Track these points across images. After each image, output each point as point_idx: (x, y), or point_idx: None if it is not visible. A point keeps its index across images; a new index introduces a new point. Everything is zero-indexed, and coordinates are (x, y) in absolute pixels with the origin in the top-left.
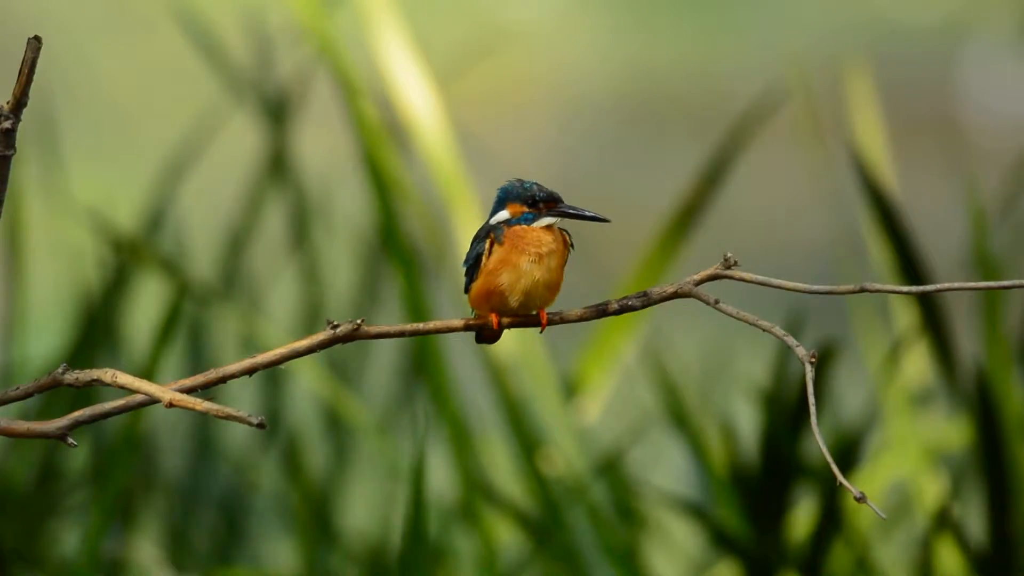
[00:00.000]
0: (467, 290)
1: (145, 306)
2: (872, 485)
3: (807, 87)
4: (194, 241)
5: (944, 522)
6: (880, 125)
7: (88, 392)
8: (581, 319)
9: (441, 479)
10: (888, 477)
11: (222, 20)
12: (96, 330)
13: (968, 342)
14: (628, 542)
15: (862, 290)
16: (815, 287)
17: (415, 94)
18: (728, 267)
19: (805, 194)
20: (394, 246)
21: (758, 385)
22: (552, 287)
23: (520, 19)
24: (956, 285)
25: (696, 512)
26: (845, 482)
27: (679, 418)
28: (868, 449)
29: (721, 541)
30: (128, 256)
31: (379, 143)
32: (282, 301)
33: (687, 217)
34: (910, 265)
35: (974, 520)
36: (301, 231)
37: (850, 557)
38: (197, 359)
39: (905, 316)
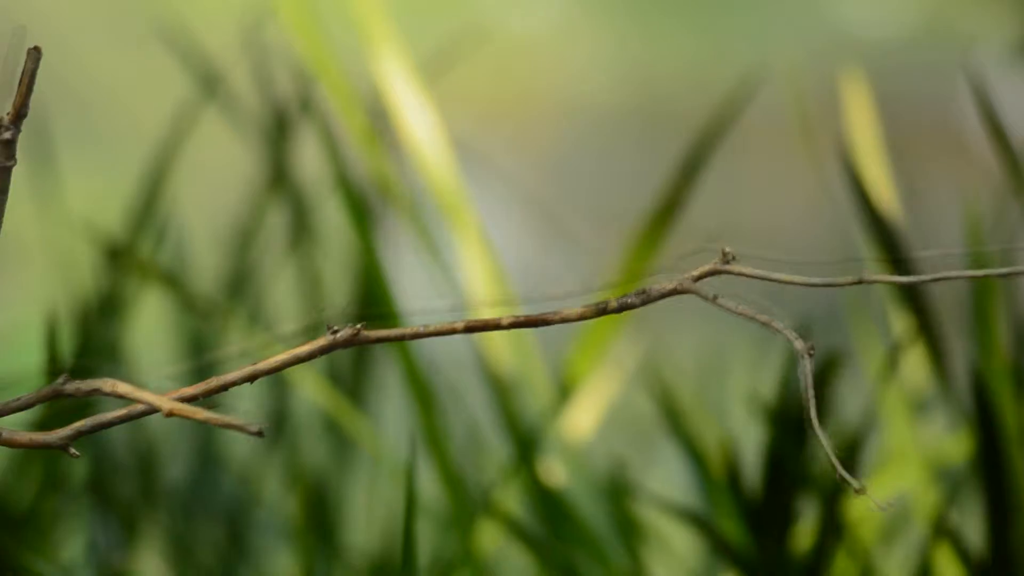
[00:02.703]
0: None
1: (145, 317)
2: (874, 495)
3: (809, 95)
4: (193, 251)
5: (942, 530)
6: (879, 134)
7: (87, 403)
8: (581, 318)
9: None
10: (889, 487)
11: (218, 28)
12: (94, 341)
13: (967, 348)
14: (627, 550)
15: (859, 281)
16: (812, 279)
17: (412, 108)
18: (727, 262)
19: (805, 203)
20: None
21: (763, 394)
22: None
23: (523, 29)
24: (956, 273)
25: (696, 523)
26: (845, 474)
27: (677, 428)
28: (869, 460)
29: (722, 552)
30: (126, 267)
31: (378, 161)
32: (282, 310)
33: (666, 213)
34: (907, 272)
35: (974, 529)
36: (300, 240)
37: (853, 567)
38: (199, 370)
39: (902, 324)
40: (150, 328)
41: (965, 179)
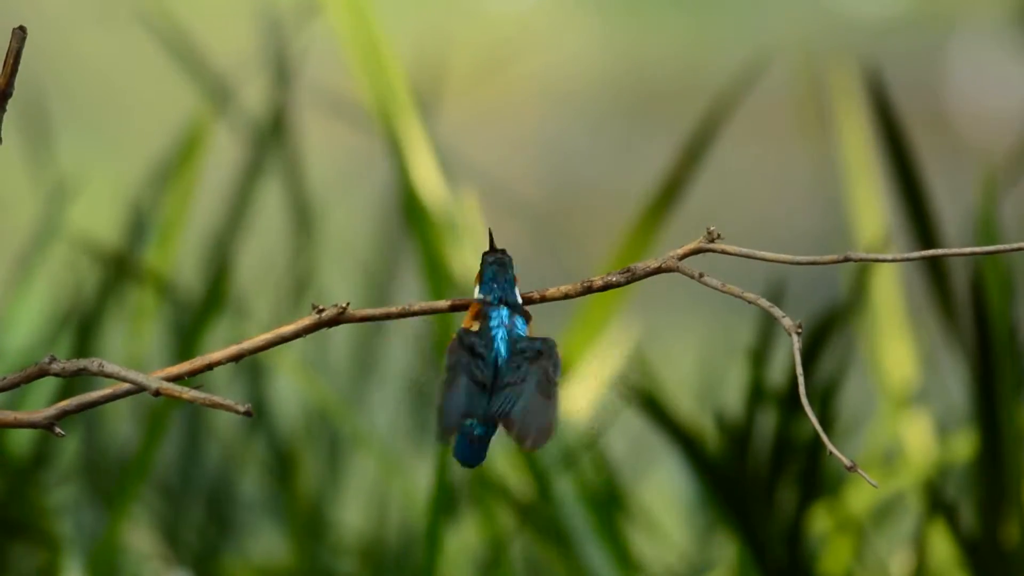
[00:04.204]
0: None
1: (135, 312)
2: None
3: (799, 80)
4: (188, 241)
5: (936, 507)
6: (867, 119)
7: (74, 385)
8: (565, 296)
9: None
10: (886, 475)
11: (215, 14)
12: (85, 334)
13: (970, 340)
14: (617, 526)
15: (846, 259)
16: (799, 258)
17: (400, 94)
18: (711, 240)
19: (798, 189)
20: (417, 220)
21: (775, 384)
22: None
23: (511, 12)
24: (947, 251)
25: (688, 509)
26: (835, 450)
27: (665, 418)
28: (866, 445)
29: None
30: (116, 266)
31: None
32: (277, 305)
33: (665, 201)
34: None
35: (969, 514)
36: (301, 230)
37: (848, 547)
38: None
39: (897, 308)
40: (144, 325)
41: (955, 161)
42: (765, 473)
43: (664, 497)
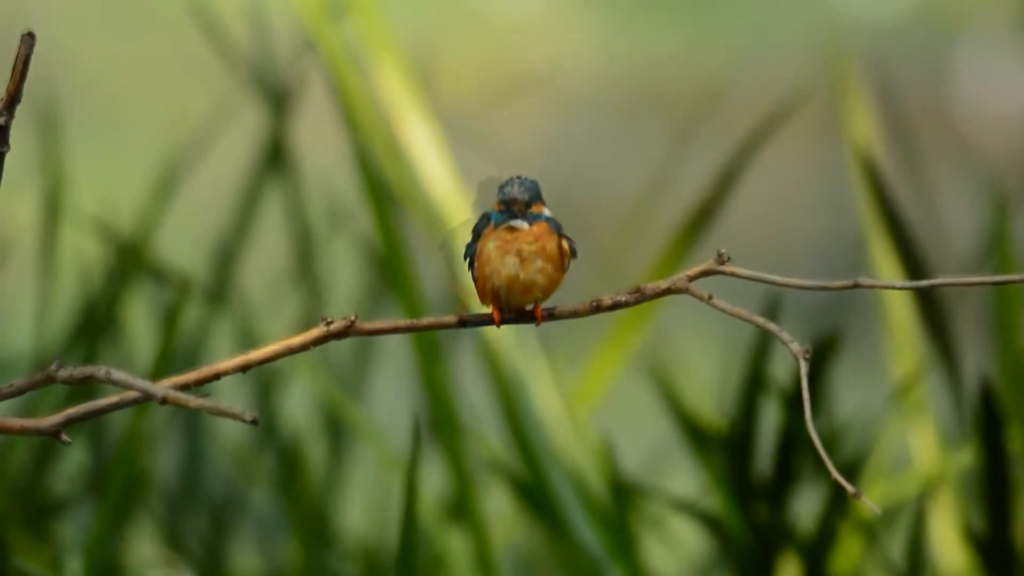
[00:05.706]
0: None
1: (143, 309)
2: (873, 488)
3: (806, 83)
4: (194, 244)
5: (945, 508)
6: (875, 120)
7: (81, 390)
8: (574, 315)
9: (436, 476)
10: (890, 485)
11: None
12: (94, 331)
13: (975, 348)
14: (622, 525)
15: (855, 285)
16: (808, 282)
17: (407, 99)
18: (722, 263)
19: (802, 191)
20: (395, 267)
21: (781, 388)
22: (527, 287)
23: (514, 13)
24: (956, 280)
25: (696, 512)
26: (840, 478)
27: (677, 415)
28: (870, 454)
29: (722, 537)
30: (127, 260)
31: (382, 157)
32: (281, 308)
33: (700, 220)
34: (914, 266)
35: (977, 512)
36: (302, 233)
37: (857, 545)
38: (193, 363)
39: (906, 317)
40: (148, 319)
41: (960, 163)
42: (773, 473)
43: (674, 498)
